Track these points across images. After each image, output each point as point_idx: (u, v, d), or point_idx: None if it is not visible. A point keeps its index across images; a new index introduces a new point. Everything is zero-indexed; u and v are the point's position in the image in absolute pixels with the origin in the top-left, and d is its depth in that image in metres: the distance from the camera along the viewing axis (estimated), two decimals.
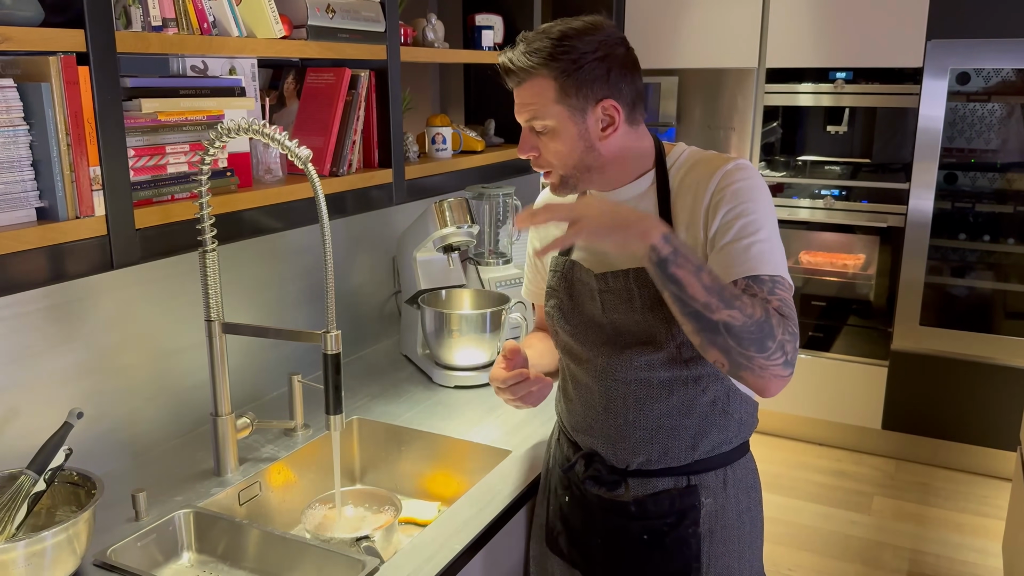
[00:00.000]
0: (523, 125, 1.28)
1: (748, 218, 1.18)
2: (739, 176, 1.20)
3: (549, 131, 1.24)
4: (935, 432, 3.45)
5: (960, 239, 3.30)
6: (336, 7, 1.87)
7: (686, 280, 1.09)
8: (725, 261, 1.17)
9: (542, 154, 1.26)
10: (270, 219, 1.81)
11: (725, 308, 1.08)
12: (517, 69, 1.24)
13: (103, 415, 1.48)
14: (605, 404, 1.30)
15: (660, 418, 1.27)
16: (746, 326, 1.08)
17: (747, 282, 1.15)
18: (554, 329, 1.38)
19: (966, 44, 3.09)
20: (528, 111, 1.25)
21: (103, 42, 1.37)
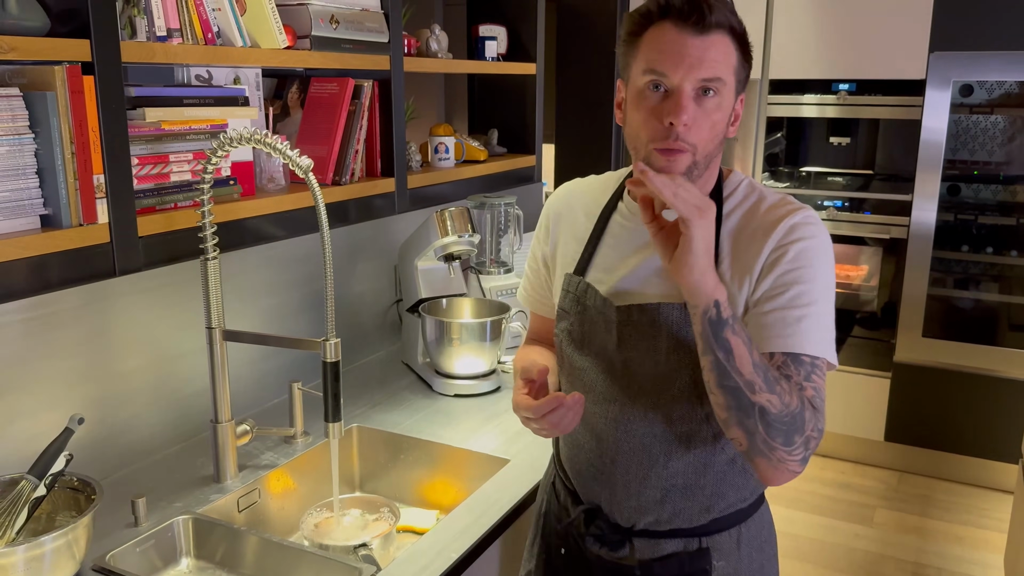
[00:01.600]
0: (681, 87, 1.03)
1: (805, 285, 1.04)
2: (807, 233, 1.07)
3: (718, 99, 1.04)
4: (938, 444, 3.44)
5: (963, 251, 3.29)
6: (340, 18, 1.88)
7: (738, 350, 0.98)
8: (768, 328, 1.04)
9: (693, 124, 1.04)
10: (272, 227, 1.82)
11: (766, 391, 0.98)
12: (710, 13, 1.02)
13: (104, 420, 1.49)
14: (614, 456, 1.15)
15: (674, 477, 1.13)
16: (780, 415, 0.99)
17: (785, 359, 1.03)
18: (562, 355, 1.24)
19: (969, 56, 3.10)
20: (711, 68, 1.02)
21: (108, 52, 1.39)
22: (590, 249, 1.20)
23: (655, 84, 1.04)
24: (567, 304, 1.22)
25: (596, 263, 1.20)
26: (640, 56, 1.06)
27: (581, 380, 1.19)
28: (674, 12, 1.03)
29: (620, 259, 1.17)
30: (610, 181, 1.27)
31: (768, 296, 1.06)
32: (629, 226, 1.18)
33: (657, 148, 1.04)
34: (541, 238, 1.32)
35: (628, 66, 1.10)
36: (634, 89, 1.08)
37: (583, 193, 1.28)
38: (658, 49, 1.04)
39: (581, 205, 1.26)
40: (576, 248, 1.23)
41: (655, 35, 1.05)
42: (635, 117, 1.07)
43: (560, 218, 1.28)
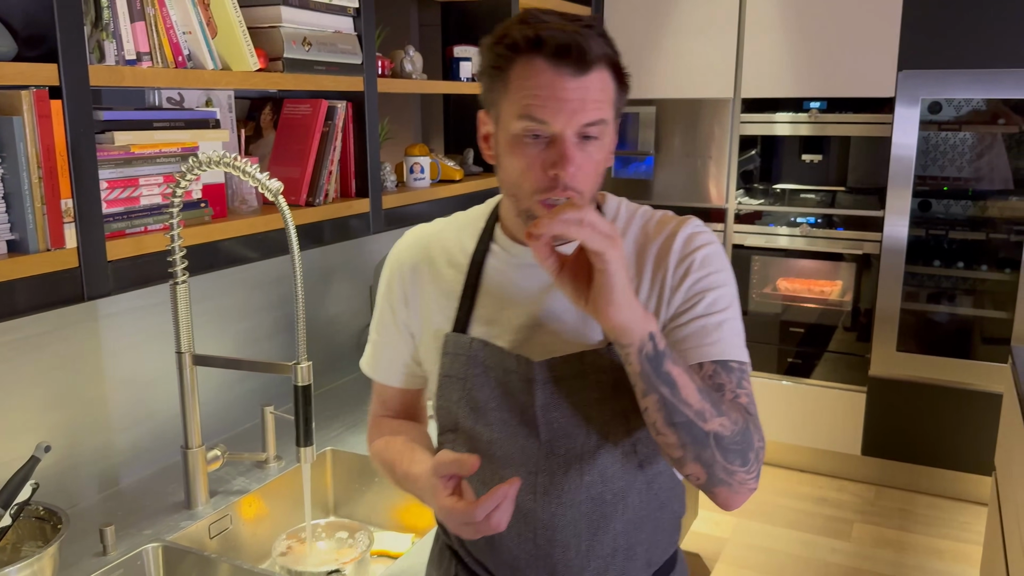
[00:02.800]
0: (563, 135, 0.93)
1: (718, 291, 1.00)
2: (704, 240, 1.03)
3: (600, 140, 0.96)
4: (914, 458, 3.47)
5: (935, 266, 3.34)
6: (313, 40, 1.89)
7: (681, 381, 0.90)
8: (691, 339, 0.98)
9: (580, 170, 0.95)
10: (245, 249, 1.81)
11: (717, 416, 0.91)
12: (589, 52, 0.92)
13: (73, 448, 1.47)
14: (551, 535, 1.02)
15: (617, 539, 1.03)
16: (733, 436, 0.92)
17: (715, 368, 0.98)
18: (459, 428, 1.06)
19: (937, 74, 3.15)
20: (595, 110, 0.93)
21: (76, 76, 1.38)
22: (468, 301, 1.06)
23: (534, 133, 0.94)
24: (456, 369, 1.05)
25: (479, 316, 1.05)
26: (512, 96, 0.95)
27: (490, 454, 1.03)
28: (548, 48, 0.91)
29: (510, 308, 1.04)
30: (469, 223, 1.13)
31: (684, 308, 1.00)
32: (510, 269, 1.06)
33: (541, 200, 0.95)
34: (394, 298, 1.13)
35: (496, 103, 0.98)
36: (508, 133, 0.97)
37: (439, 241, 1.12)
38: (533, 93, 0.92)
39: (441, 255, 1.11)
40: (447, 304, 1.08)
41: (526, 72, 0.93)
42: (513, 164, 0.97)
43: (417, 272, 1.11)
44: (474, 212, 1.14)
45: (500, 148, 0.99)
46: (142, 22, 1.49)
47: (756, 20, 3.39)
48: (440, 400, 1.08)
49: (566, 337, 1.01)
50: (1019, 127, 3.12)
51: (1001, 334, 3.25)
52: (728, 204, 3.59)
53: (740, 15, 3.42)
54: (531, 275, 1.04)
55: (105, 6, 1.43)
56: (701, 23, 3.49)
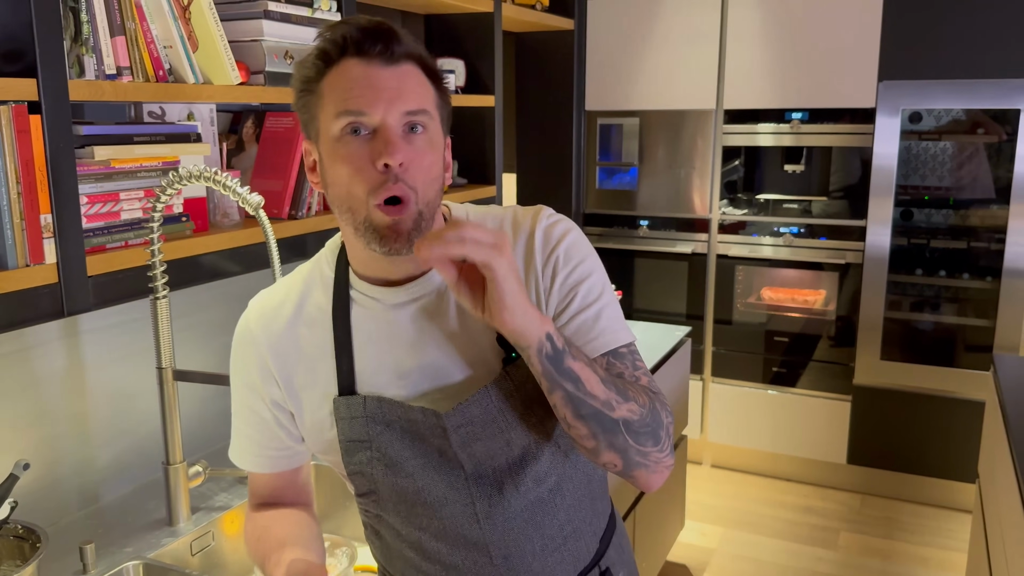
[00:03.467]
0: (386, 123, 0.90)
1: (589, 280, 1.00)
2: (560, 230, 1.01)
3: (427, 133, 0.93)
4: (899, 466, 3.48)
5: (917, 275, 3.36)
6: (295, 53, 1.89)
7: (584, 374, 0.91)
8: (579, 336, 0.99)
9: (411, 164, 0.90)
10: (227, 263, 1.80)
11: (624, 402, 0.93)
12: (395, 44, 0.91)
13: (53, 465, 1.46)
14: (506, 552, 1.02)
15: (563, 527, 1.05)
16: (643, 419, 0.94)
17: (607, 359, 0.99)
18: (379, 490, 1.02)
19: (916, 85, 3.19)
20: (412, 100, 0.91)
21: (55, 91, 1.37)
22: (346, 360, 1.00)
23: (354, 128, 0.90)
24: (356, 432, 1.00)
25: (363, 371, 1.00)
26: (327, 102, 0.91)
27: (421, 501, 1.00)
28: (354, 46, 0.90)
29: (392, 354, 1.00)
30: (315, 276, 1.06)
31: (561, 307, 0.99)
32: (378, 313, 1.00)
33: (378, 204, 0.90)
34: (253, 377, 1.05)
35: (314, 118, 0.94)
36: (329, 141, 0.92)
37: (288, 306, 1.05)
38: (347, 87, 0.90)
39: (296, 319, 1.03)
40: (323, 367, 1.01)
41: (338, 75, 0.91)
42: (339, 172, 0.91)
43: (277, 345, 1.03)
44: (317, 261, 1.07)
45: (325, 165, 0.94)
46: (122, 36, 1.49)
47: (738, 32, 3.42)
48: (350, 466, 1.02)
49: (457, 374, 0.99)
50: (998, 136, 3.16)
51: (983, 342, 3.27)
52: (712, 215, 3.60)
53: (722, 27, 3.45)
54: (397, 317, 0.99)
55: (85, 20, 1.43)
56: (683, 35, 3.51)
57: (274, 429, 1.06)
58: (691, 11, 3.49)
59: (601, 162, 3.77)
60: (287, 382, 1.03)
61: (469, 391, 0.98)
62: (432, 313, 0.99)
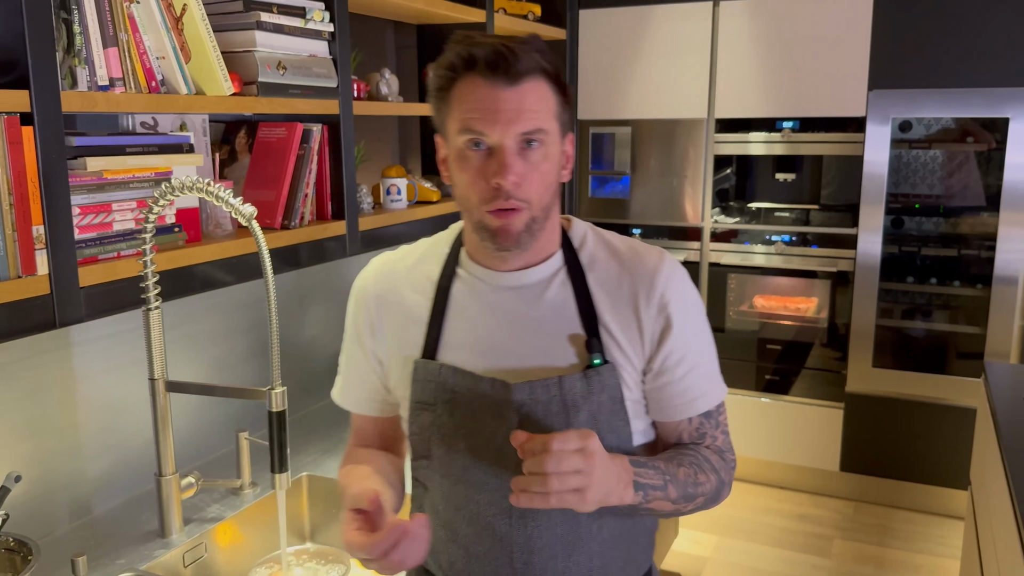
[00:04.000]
0: (503, 144, 0.97)
1: (699, 342, 1.07)
2: (679, 281, 1.06)
3: (543, 150, 0.99)
4: (891, 473, 3.49)
5: (908, 282, 3.38)
6: (288, 64, 1.89)
7: (657, 507, 1.01)
8: (677, 399, 1.06)
9: (524, 181, 0.98)
10: (220, 273, 1.80)
11: (691, 503, 1.04)
12: (518, 62, 0.96)
13: (45, 477, 1.45)
14: (528, 557, 1.03)
15: (591, 559, 1.05)
16: (708, 499, 1.06)
17: (700, 420, 1.08)
18: (431, 455, 1.08)
19: (906, 94, 3.21)
20: (530, 120, 0.96)
21: (48, 102, 1.37)
22: (436, 327, 1.07)
23: (475, 143, 0.98)
24: (426, 395, 1.06)
25: (448, 342, 1.07)
26: (454, 115, 0.99)
27: (464, 480, 1.04)
28: (480, 64, 0.97)
29: (479, 331, 1.06)
30: (433, 247, 1.14)
31: (670, 364, 1.05)
32: (476, 293, 1.07)
33: (490, 211, 0.99)
34: (361, 328, 1.14)
35: (444, 123, 1.03)
36: (454, 149, 1.01)
37: (404, 268, 1.14)
38: (471, 106, 0.97)
39: (407, 281, 1.12)
40: (415, 330, 1.09)
41: (465, 89, 0.98)
42: (461, 178, 1.01)
43: (384, 300, 1.13)
44: (438, 238, 1.16)
45: (451, 165, 1.03)
46: (115, 48, 1.49)
47: (729, 42, 3.44)
48: (412, 427, 1.08)
49: (535, 360, 1.03)
50: (988, 145, 3.18)
51: (974, 349, 3.29)
52: (704, 223, 3.62)
53: (713, 37, 3.47)
54: (496, 299, 1.06)
55: (77, 32, 1.43)
56: (675, 45, 3.53)
57: (372, 377, 1.15)
58: (682, 21, 3.51)
59: (593, 171, 3.78)
60: (384, 338, 1.12)
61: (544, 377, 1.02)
62: (527, 303, 1.05)
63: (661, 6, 3.54)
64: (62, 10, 1.42)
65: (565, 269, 1.06)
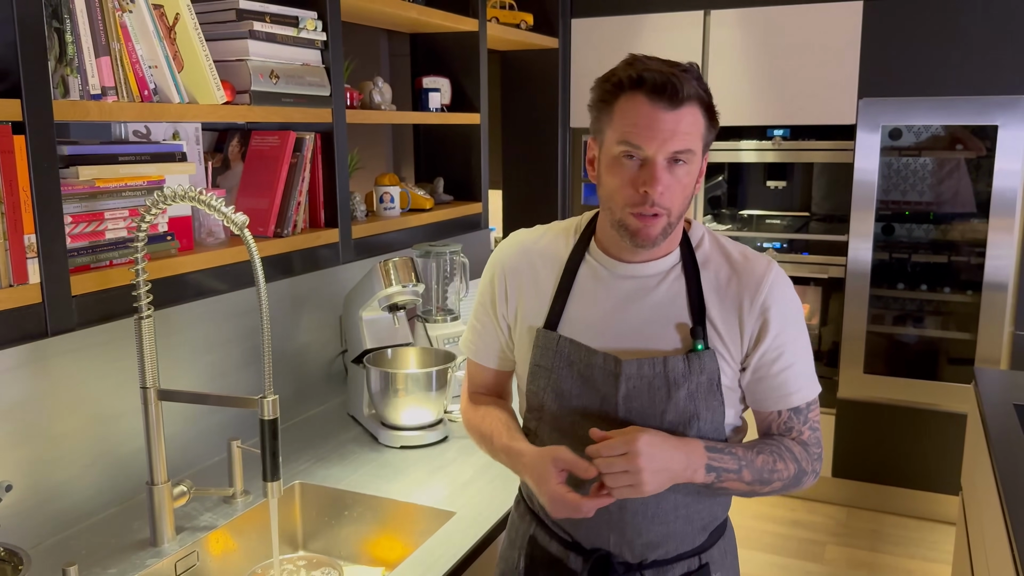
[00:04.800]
0: (655, 159, 1.10)
1: (795, 345, 1.20)
2: (781, 289, 1.19)
3: (689, 166, 1.13)
4: (883, 479, 3.50)
5: (899, 288, 3.40)
6: (280, 73, 1.90)
7: (732, 487, 1.16)
8: (772, 391, 1.21)
9: (667, 191, 1.12)
10: (213, 281, 1.80)
11: (767, 487, 1.18)
12: (682, 89, 1.09)
13: (36, 486, 1.45)
14: (622, 503, 1.19)
15: (678, 509, 1.21)
16: (785, 486, 1.19)
17: (790, 414, 1.22)
18: (544, 410, 1.24)
19: (896, 102, 3.23)
20: (683, 140, 1.10)
21: (39, 111, 1.38)
22: (560, 303, 1.23)
23: (629, 154, 1.11)
24: (544, 360, 1.22)
25: (570, 317, 1.22)
26: (615, 124, 1.13)
27: (574, 434, 1.20)
28: (648, 86, 1.10)
29: (600, 312, 1.21)
30: (566, 232, 1.29)
31: (766, 358, 1.18)
32: (599, 277, 1.22)
33: (633, 213, 1.13)
34: (495, 291, 1.30)
35: (601, 130, 1.16)
36: (608, 155, 1.14)
37: (538, 246, 1.28)
38: (633, 122, 1.10)
39: (539, 258, 1.27)
40: (541, 303, 1.24)
41: (628, 105, 1.11)
42: (610, 181, 1.15)
43: (517, 272, 1.28)
44: (572, 222, 1.30)
45: (601, 168, 1.17)
46: (107, 57, 1.49)
47: (720, 51, 3.47)
48: (530, 385, 1.25)
49: (644, 342, 1.19)
50: (977, 152, 3.21)
51: (965, 355, 3.31)
52: None
53: (704, 46, 3.49)
54: (617, 286, 1.21)
55: (69, 41, 1.43)
56: (666, 54, 3.54)
57: (496, 334, 1.32)
58: (674, 30, 3.53)
59: (586, 178, 3.79)
60: (514, 306, 1.28)
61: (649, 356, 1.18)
62: (643, 292, 1.20)
63: (653, 15, 3.56)
64: (54, 19, 1.42)
65: (681, 265, 1.21)
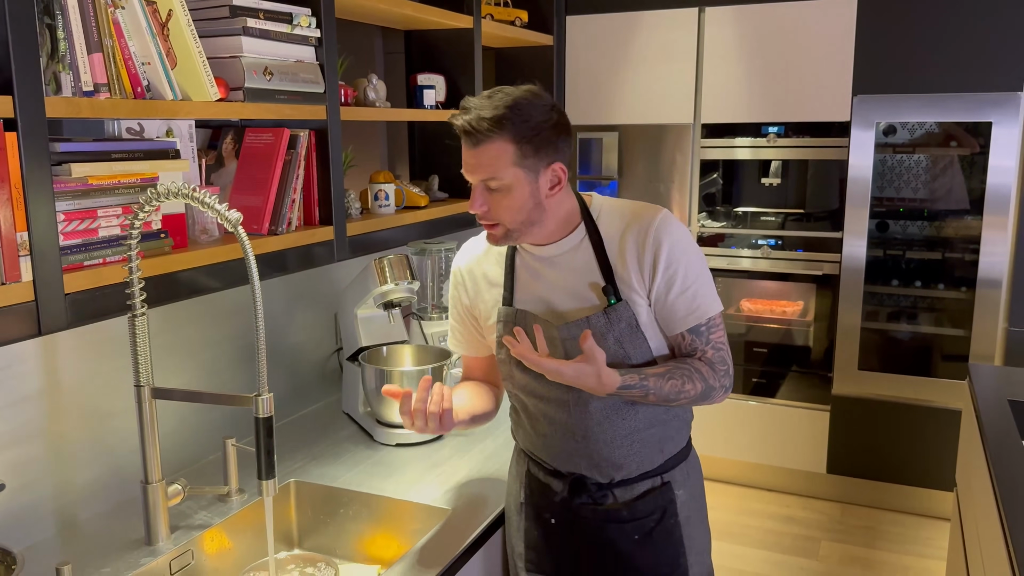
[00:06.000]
0: (474, 183, 1.36)
1: (686, 272, 1.38)
2: (668, 227, 1.39)
3: (503, 189, 1.34)
4: (878, 475, 3.51)
5: (893, 285, 3.40)
6: (274, 69, 1.89)
7: (640, 401, 1.40)
8: (671, 315, 1.40)
9: (492, 209, 1.36)
10: (206, 279, 1.79)
11: (675, 402, 1.39)
12: (477, 132, 1.32)
13: (29, 485, 1.44)
14: (584, 433, 1.43)
15: (633, 433, 1.43)
16: (694, 399, 1.40)
17: (691, 336, 1.41)
18: (510, 374, 1.48)
19: (890, 99, 3.24)
20: (485, 171, 1.34)
21: (31, 108, 1.37)
22: (509, 286, 1.48)
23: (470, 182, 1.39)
24: (507, 332, 1.45)
25: (518, 296, 1.47)
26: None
27: (535, 391, 1.46)
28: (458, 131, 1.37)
29: (535, 288, 1.45)
30: None
31: (662, 291, 1.38)
32: (528, 263, 1.47)
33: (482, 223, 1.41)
34: (461, 292, 1.56)
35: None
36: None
37: (485, 248, 1.54)
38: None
39: (488, 257, 1.53)
40: (496, 290, 1.50)
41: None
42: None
43: (471, 273, 1.55)
44: None
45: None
46: (99, 53, 1.48)
47: (714, 48, 3.46)
48: (499, 355, 1.50)
49: (574, 304, 1.41)
50: (971, 149, 3.21)
51: (959, 351, 3.32)
52: (691, 227, 3.63)
53: (698, 43, 3.49)
54: (545, 266, 1.44)
55: (61, 37, 1.42)
56: (661, 51, 3.55)
57: (470, 328, 1.58)
58: (668, 27, 3.52)
59: (581, 176, 3.79)
60: (476, 299, 1.53)
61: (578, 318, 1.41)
62: (560, 266, 1.43)
63: (648, 12, 3.55)
64: (46, 15, 1.41)
65: (587, 236, 1.41)
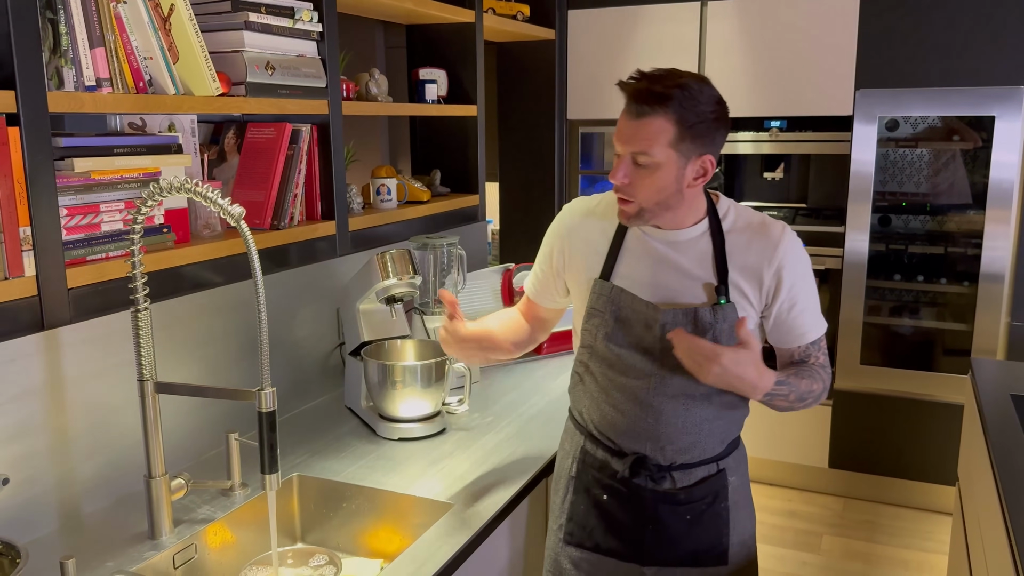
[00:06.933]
0: (623, 154, 1.37)
1: (805, 291, 1.46)
2: (793, 249, 1.45)
3: (651, 167, 1.35)
4: (880, 469, 3.51)
5: (896, 280, 3.40)
6: (276, 64, 1.89)
7: (780, 405, 1.46)
8: (790, 330, 1.49)
9: (633, 184, 1.37)
10: (210, 274, 1.80)
11: (802, 403, 1.47)
12: (643, 103, 1.32)
13: (33, 479, 1.45)
14: (657, 416, 1.47)
15: (701, 423, 1.48)
16: (817, 398, 1.49)
17: (807, 347, 1.50)
18: (596, 345, 1.51)
19: (893, 93, 3.23)
20: (639, 144, 1.34)
21: (34, 103, 1.37)
22: (612, 259, 1.49)
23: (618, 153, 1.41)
24: (600, 304, 1.49)
25: (620, 271, 1.48)
26: None
27: (620, 362, 1.48)
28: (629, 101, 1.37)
29: (643, 268, 1.46)
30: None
31: (784, 304, 1.45)
32: (643, 242, 1.47)
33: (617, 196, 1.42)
34: (555, 247, 1.58)
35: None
36: None
37: (595, 211, 1.54)
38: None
39: (597, 222, 1.53)
40: (596, 258, 1.51)
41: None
42: None
43: (574, 232, 1.54)
44: None
45: None
46: (102, 48, 1.49)
47: (716, 42, 3.46)
48: (585, 324, 1.52)
49: (679, 294, 1.44)
50: (974, 143, 3.20)
51: (961, 346, 3.31)
52: None
53: (700, 37, 3.48)
54: (657, 247, 1.46)
55: (64, 32, 1.42)
56: (663, 45, 3.54)
57: (549, 279, 1.62)
58: (670, 21, 3.52)
59: (583, 170, 3.79)
60: (571, 258, 1.55)
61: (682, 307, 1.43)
62: (677, 254, 1.45)
63: (649, 6, 3.55)
64: (48, 10, 1.41)
65: (709, 232, 1.44)
